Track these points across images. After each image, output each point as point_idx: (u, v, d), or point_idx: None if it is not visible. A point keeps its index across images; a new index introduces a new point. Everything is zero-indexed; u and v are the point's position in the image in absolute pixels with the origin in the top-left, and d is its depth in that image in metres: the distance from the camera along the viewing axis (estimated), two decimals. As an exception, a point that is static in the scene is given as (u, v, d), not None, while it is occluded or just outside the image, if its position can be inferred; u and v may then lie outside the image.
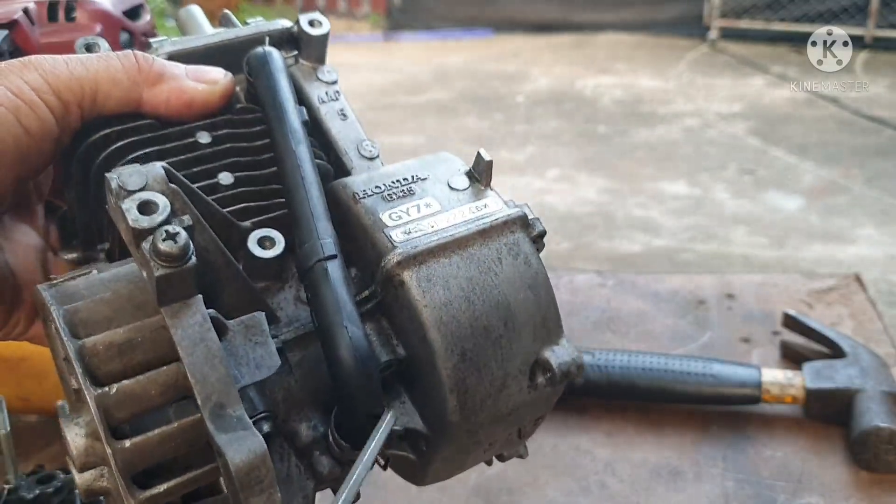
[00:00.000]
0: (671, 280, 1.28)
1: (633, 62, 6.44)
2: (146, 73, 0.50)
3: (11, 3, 0.87)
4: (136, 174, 0.40)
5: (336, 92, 0.56)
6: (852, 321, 1.15)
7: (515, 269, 0.46)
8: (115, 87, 0.49)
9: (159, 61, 0.51)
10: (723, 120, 4.98)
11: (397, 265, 0.43)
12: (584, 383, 0.99)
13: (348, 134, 0.55)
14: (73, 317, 0.40)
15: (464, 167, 0.50)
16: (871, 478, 0.88)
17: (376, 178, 0.49)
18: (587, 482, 0.89)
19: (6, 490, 0.74)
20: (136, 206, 0.38)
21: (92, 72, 0.49)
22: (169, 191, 0.40)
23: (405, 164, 0.51)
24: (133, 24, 0.96)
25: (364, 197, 0.47)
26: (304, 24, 0.57)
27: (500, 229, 0.46)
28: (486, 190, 0.49)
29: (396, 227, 0.45)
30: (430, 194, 0.48)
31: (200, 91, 0.52)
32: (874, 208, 3.68)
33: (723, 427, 0.96)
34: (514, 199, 0.50)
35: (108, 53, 0.50)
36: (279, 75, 0.52)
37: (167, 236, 0.37)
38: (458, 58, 6.85)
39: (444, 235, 0.45)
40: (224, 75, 0.53)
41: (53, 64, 0.48)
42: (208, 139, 0.50)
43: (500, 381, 0.45)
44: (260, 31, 0.57)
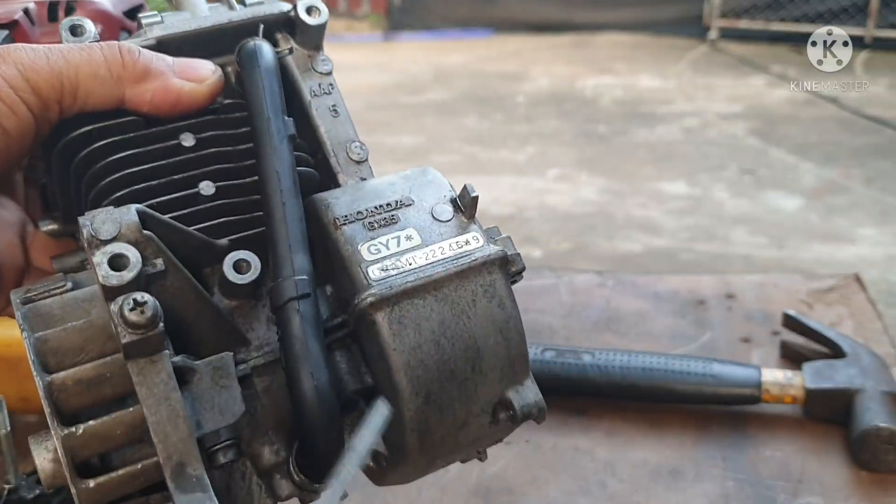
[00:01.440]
0: (671, 280, 1.28)
1: (633, 62, 6.44)
2: (130, 70, 0.48)
3: (11, 3, 0.87)
4: (108, 221, 0.39)
5: (330, 85, 0.55)
6: (852, 321, 1.15)
7: (489, 313, 0.46)
8: (97, 84, 0.47)
9: (145, 55, 0.49)
10: (723, 120, 4.98)
11: (370, 305, 0.43)
12: (584, 383, 0.99)
13: (338, 133, 0.54)
14: (44, 346, 0.40)
15: (450, 193, 0.49)
16: (871, 478, 0.88)
17: (360, 199, 0.48)
18: (587, 482, 0.89)
19: (6, 490, 0.74)
20: (106, 261, 0.38)
21: (73, 66, 0.46)
22: (143, 238, 0.40)
23: (392, 181, 0.49)
24: (133, 24, 0.96)
25: (345, 223, 0.46)
26: (302, 11, 0.55)
27: (478, 270, 0.46)
28: (468, 224, 0.48)
29: (374, 263, 0.45)
30: (412, 225, 0.47)
31: (187, 90, 0.49)
32: (874, 208, 3.68)
33: (723, 427, 0.96)
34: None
35: (90, 45, 0.48)
36: (268, 78, 0.50)
37: (134, 305, 0.37)
38: (458, 58, 6.85)
39: (421, 276, 0.45)
40: (213, 71, 0.51)
41: (33, 57, 0.46)
42: (192, 142, 0.49)
43: (462, 419, 0.46)
44: (255, 15, 0.54)
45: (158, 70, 0.49)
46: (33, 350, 0.40)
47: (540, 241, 3.43)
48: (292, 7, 0.55)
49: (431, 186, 0.50)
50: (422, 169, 0.51)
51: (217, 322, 0.44)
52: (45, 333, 0.41)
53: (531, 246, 3.37)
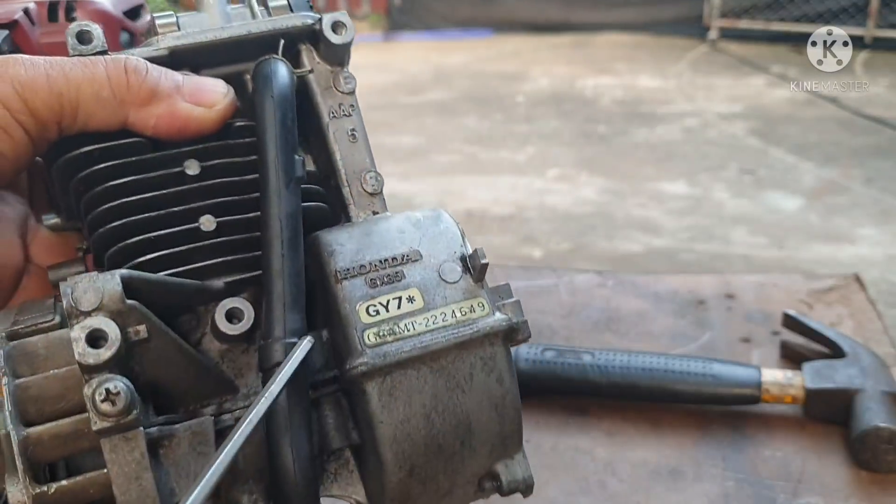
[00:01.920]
0: (671, 280, 1.28)
1: (633, 62, 6.44)
2: (135, 92, 0.45)
3: (12, 3, 0.87)
4: (91, 291, 0.38)
5: (351, 106, 0.52)
6: (852, 321, 1.15)
7: (485, 388, 0.44)
8: (99, 106, 0.44)
9: (152, 75, 0.46)
10: (723, 120, 4.99)
11: (362, 374, 0.42)
12: (584, 383, 0.99)
13: (354, 160, 0.51)
14: (24, 394, 0.40)
15: (460, 250, 0.47)
16: (871, 477, 0.88)
17: (366, 249, 0.46)
18: (587, 482, 0.89)
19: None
20: (84, 337, 0.37)
21: (74, 86, 0.43)
22: (125, 308, 0.39)
23: (402, 228, 0.47)
24: (133, 24, 0.96)
25: (346, 277, 0.44)
26: (327, 27, 0.51)
27: (480, 342, 0.44)
28: (476, 287, 0.46)
29: (371, 327, 0.43)
30: (416, 284, 0.45)
31: (195, 115, 0.47)
32: (874, 208, 3.68)
33: (723, 427, 0.96)
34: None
35: (95, 60, 0.45)
36: (281, 108, 0.47)
37: (106, 396, 0.37)
38: (458, 58, 6.85)
39: (418, 344, 0.43)
40: (224, 95, 0.48)
41: (32, 74, 0.43)
42: (197, 170, 0.47)
43: (445, 489, 0.45)
44: (277, 28, 0.51)
45: (166, 93, 0.46)
46: (12, 399, 0.39)
47: (540, 241, 3.43)
48: (317, 20, 0.52)
49: (443, 239, 0.47)
50: (435, 214, 0.48)
51: (203, 374, 0.43)
52: (26, 381, 0.40)
53: (531, 246, 3.37)
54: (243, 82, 0.52)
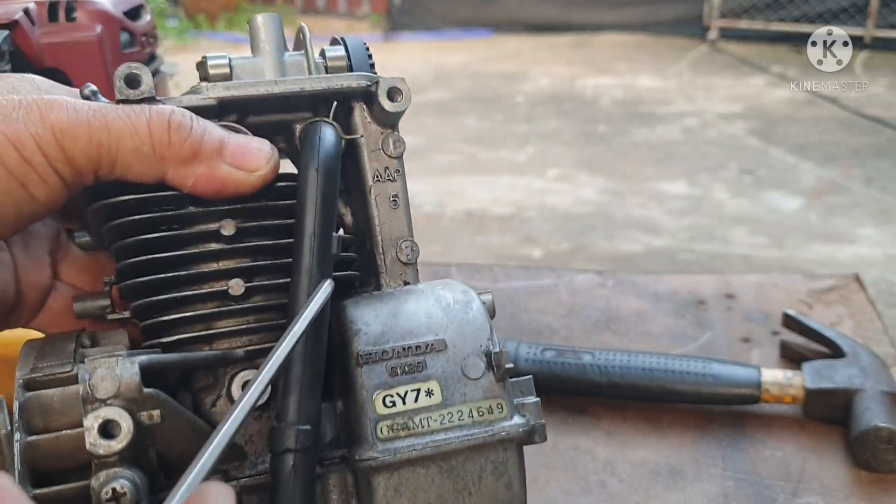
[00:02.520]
0: (671, 280, 1.28)
1: (633, 62, 6.44)
2: (176, 150, 0.44)
3: (12, 3, 0.87)
4: (108, 378, 0.38)
5: (397, 171, 0.52)
6: (852, 321, 1.15)
7: (493, 492, 0.44)
8: (138, 161, 0.43)
9: (195, 135, 0.44)
10: (722, 120, 4.99)
11: (370, 469, 0.42)
12: (584, 383, 0.99)
13: (392, 228, 0.51)
14: (35, 451, 0.40)
15: (486, 344, 0.46)
16: (871, 477, 0.88)
17: (391, 332, 0.45)
18: (587, 482, 0.89)
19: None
20: (97, 427, 0.37)
21: (115, 137, 0.42)
22: (142, 397, 0.39)
23: (430, 313, 0.46)
24: (133, 24, 0.96)
25: (367, 362, 0.44)
26: (383, 93, 0.50)
27: (493, 446, 0.44)
28: (497, 387, 0.45)
29: (385, 419, 0.43)
30: (436, 377, 0.44)
31: (234, 178, 0.45)
32: (874, 208, 3.68)
33: (722, 427, 0.96)
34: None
35: (139, 112, 0.44)
36: (324, 179, 0.45)
37: (112, 496, 0.37)
38: (458, 58, 6.85)
39: (431, 443, 0.43)
40: (267, 161, 0.46)
41: (73, 122, 0.42)
42: (232, 230, 0.46)
43: None
44: (331, 87, 0.49)
45: (207, 154, 0.45)
46: (21, 457, 0.39)
47: (540, 241, 3.43)
48: (374, 83, 0.50)
49: (470, 329, 0.46)
50: (465, 300, 0.48)
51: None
52: (37, 439, 0.40)
53: (531, 246, 3.37)
54: (292, 130, 0.51)
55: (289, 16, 8.67)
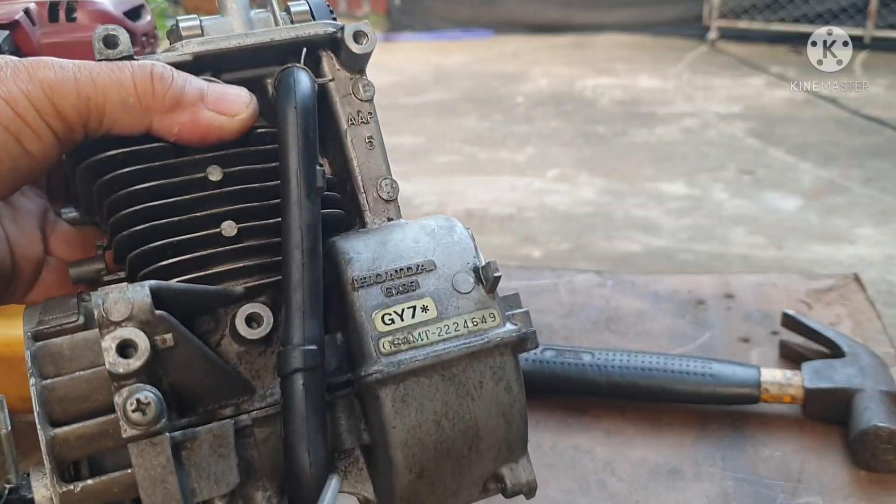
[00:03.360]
0: (670, 280, 1.28)
1: (633, 63, 6.44)
2: (160, 99, 0.46)
3: (12, 4, 0.87)
4: (121, 302, 0.39)
5: (369, 114, 0.53)
6: (851, 321, 1.15)
7: (494, 396, 0.46)
8: (124, 112, 0.45)
9: (177, 83, 0.46)
10: (722, 120, 4.99)
11: (376, 382, 0.44)
12: (583, 383, 0.99)
13: (370, 167, 0.52)
14: (51, 395, 0.41)
15: (473, 261, 0.48)
16: (870, 477, 0.88)
17: (382, 258, 0.47)
18: (587, 481, 0.89)
19: (7, 489, 0.74)
20: (115, 347, 0.39)
21: (101, 91, 0.44)
22: (154, 319, 0.40)
23: (416, 238, 0.48)
24: (134, 24, 0.96)
25: (363, 286, 0.46)
26: (349, 37, 0.52)
27: (490, 352, 0.46)
28: (488, 298, 0.47)
29: (385, 336, 0.45)
30: (430, 293, 0.46)
31: (217, 124, 0.47)
32: (873, 208, 3.68)
33: (722, 426, 0.96)
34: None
35: (122, 66, 0.46)
36: (303, 117, 0.47)
37: (137, 406, 0.38)
38: (457, 58, 6.85)
39: (431, 353, 0.44)
40: (247, 105, 0.48)
41: (60, 77, 0.44)
42: (219, 175, 0.48)
43: (452, 490, 0.47)
44: (299, 35, 0.52)
45: (189, 101, 0.47)
46: (39, 400, 0.41)
47: (539, 241, 3.43)
48: (339, 28, 0.52)
49: (456, 249, 0.48)
50: (449, 224, 0.50)
51: (223, 377, 0.45)
52: (52, 382, 0.42)
53: (531, 246, 3.38)
54: (264, 86, 0.52)
55: (288, 16, 8.68)
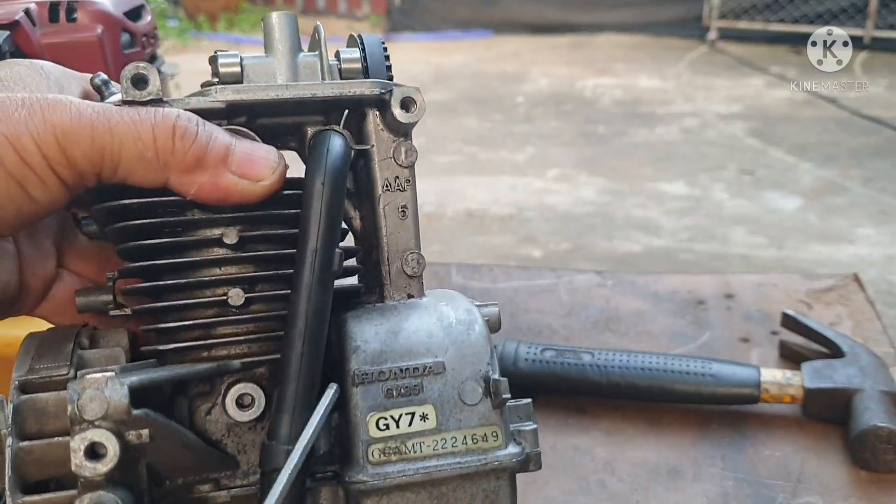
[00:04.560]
0: (670, 280, 1.28)
1: (633, 63, 6.44)
2: (180, 158, 0.43)
3: (13, 4, 0.88)
4: (97, 399, 0.37)
5: (407, 181, 0.50)
6: (851, 321, 1.15)
7: None
8: (141, 166, 0.42)
9: (201, 142, 0.43)
10: (722, 120, 4.99)
11: (360, 492, 0.42)
12: (583, 383, 0.99)
13: (399, 239, 0.50)
14: (27, 457, 0.40)
15: (485, 369, 0.45)
16: (870, 477, 0.88)
17: (391, 351, 0.45)
18: (587, 481, 0.89)
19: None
20: (83, 449, 0.37)
21: (117, 141, 0.41)
22: (130, 419, 0.38)
23: (431, 332, 0.46)
24: (134, 24, 0.96)
25: (363, 382, 0.44)
26: (396, 103, 0.48)
27: (486, 475, 0.44)
28: (494, 414, 0.45)
29: (378, 443, 0.43)
30: (433, 401, 0.44)
31: (239, 188, 0.44)
32: (873, 208, 3.68)
33: (722, 426, 0.97)
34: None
35: (144, 116, 0.42)
36: (330, 192, 0.44)
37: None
38: (457, 58, 6.85)
39: (421, 469, 0.42)
40: (273, 170, 0.45)
41: (76, 125, 0.41)
42: (234, 238, 0.45)
43: None
44: (344, 94, 0.48)
45: (212, 163, 0.43)
46: (12, 464, 0.39)
47: (540, 241, 3.43)
48: (388, 91, 0.48)
49: (470, 352, 0.46)
50: (468, 319, 0.47)
51: (206, 455, 0.44)
52: (30, 445, 0.40)
53: (531, 246, 3.38)
54: (303, 132, 0.50)
55: (288, 16, 8.67)
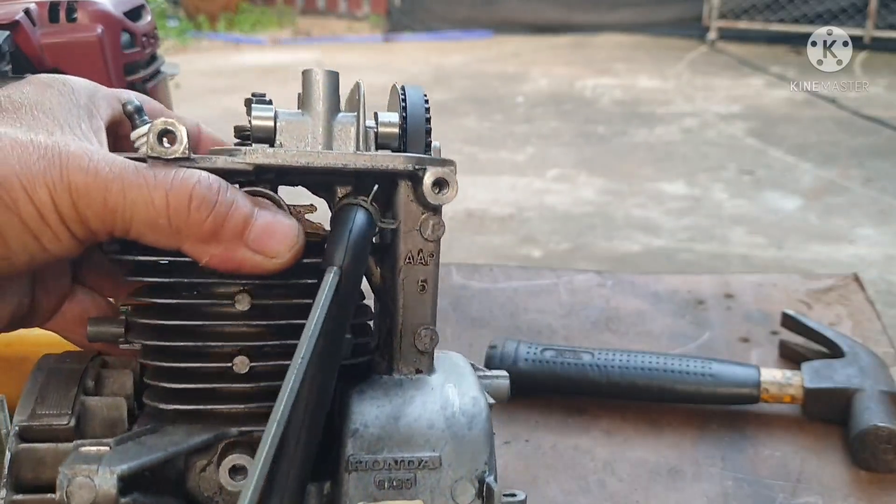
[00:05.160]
0: (670, 280, 1.28)
1: (633, 63, 6.44)
2: (195, 228, 0.42)
3: (13, 4, 0.88)
4: (85, 487, 0.38)
5: (431, 255, 0.49)
6: (851, 321, 1.15)
7: None
8: (152, 231, 0.42)
9: (219, 213, 0.42)
10: (722, 120, 4.99)
11: None
12: (583, 383, 0.99)
13: (415, 313, 0.48)
14: None
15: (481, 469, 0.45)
16: (870, 477, 0.88)
17: (387, 440, 0.44)
18: (587, 481, 0.89)
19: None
20: None
21: (130, 205, 0.41)
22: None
23: (432, 422, 0.45)
24: (134, 24, 0.96)
25: (356, 469, 0.43)
26: (428, 183, 0.46)
27: None
28: None
29: None
30: (424, 496, 0.43)
31: (253, 262, 0.43)
32: (873, 208, 3.68)
33: (722, 426, 0.97)
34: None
35: (160, 180, 0.41)
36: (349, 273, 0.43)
37: None
38: (457, 58, 6.85)
39: None
40: (290, 248, 0.44)
41: (91, 186, 0.40)
42: (246, 306, 0.45)
43: None
44: (377, 166, 0.46)
45: (228, 235, 0.43)
46: None
47: (539, 240, 3.43)
48: (422, 168, 0.47)
49: (469, 448, 0.45)
50: (474, 411, 0.46)
51: None
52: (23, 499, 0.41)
53: (531, 246, 3.38)
54: (333, 191, 0.49)
55: (289, 16, 8.67)
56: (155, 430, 0.44)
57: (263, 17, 8.52)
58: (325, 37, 7.98)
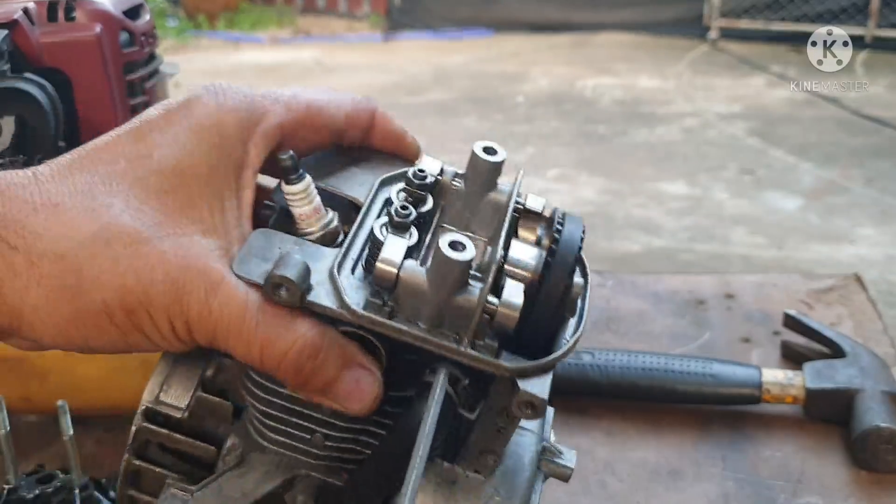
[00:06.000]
0: (671, 280, 1.28)
1: (633, 62, 6.44)
2: (287, 373, 0.45)
3: (11, 3, 0.87)
4: None
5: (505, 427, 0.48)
6: (852, 321, 1.15)
7: None
8: (245, 358, 0.45)
9: (305, 373, 0.44)
10: (722, 120, 4.99)
11: None
12: (584, 383, 0.99)
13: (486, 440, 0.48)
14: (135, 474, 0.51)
15: None
16: (871, 477, 0.88)
17: None
18: (587, 482, 0.89)
19: (6, 490, 0.73)
20: None
21: (232, 343, 0.44)
22: None
23: None
24: (133, 23, 0.96)
25: None
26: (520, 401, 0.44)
27: None
28: None
29: None
30: None
31: (332, 406, 0.47)
32: (873, 208, 3.68)
33: (723, 427, 0.96)
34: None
35: (261, 334, 0.44)
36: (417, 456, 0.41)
37: None
38: (457, 58, 6.85)
39: None
40: (366, 407, 0.46)
41: (206, 317, 0.43)
42: (321, 444, 0.51)
43: None
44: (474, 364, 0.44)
45: (314, 388, 0.45)
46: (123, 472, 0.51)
47: (540, 241, 3.43)
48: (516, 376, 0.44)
49: None
50: None
51: None
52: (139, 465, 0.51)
53: (531, 246, 3.37)
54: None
55: (289, 15, 8.66)
56: (239, 464, 0.50)
57: (263, 16, 8.50)
58: (324, 36, 7.98)
